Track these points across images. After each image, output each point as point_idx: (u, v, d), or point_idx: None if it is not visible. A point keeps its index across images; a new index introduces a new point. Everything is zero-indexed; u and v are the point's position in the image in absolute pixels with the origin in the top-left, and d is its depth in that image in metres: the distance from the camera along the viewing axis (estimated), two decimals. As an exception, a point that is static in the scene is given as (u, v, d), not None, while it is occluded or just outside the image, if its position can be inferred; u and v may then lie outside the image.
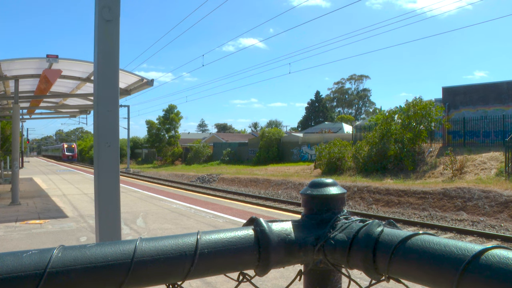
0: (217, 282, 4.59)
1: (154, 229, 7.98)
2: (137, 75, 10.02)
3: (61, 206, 11.14)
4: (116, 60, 3.58)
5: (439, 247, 0.55)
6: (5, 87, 12.59)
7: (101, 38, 3.51)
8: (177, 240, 0.62)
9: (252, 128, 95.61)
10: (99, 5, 3.47)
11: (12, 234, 7.37)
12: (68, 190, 15.54)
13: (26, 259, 0.53)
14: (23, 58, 9.88)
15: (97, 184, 3.56)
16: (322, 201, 0.73)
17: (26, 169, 32.65)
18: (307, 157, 31.99)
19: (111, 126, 3.58)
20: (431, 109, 20.84)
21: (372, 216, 13.83)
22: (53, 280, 0.53)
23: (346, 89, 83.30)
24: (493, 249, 0.51)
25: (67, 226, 8.25)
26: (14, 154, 11.65)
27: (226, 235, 0.65)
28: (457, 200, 14.02)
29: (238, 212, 10.23)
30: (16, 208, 10.59)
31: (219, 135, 63.45)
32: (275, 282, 4.54)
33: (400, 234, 0.61)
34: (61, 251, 0.56)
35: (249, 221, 0.70)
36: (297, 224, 0.71)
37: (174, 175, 33.18)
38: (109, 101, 3.55)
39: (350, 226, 0.68)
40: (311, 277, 0.74)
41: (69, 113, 20.00)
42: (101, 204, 3.53)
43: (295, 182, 21.82)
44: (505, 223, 12.06)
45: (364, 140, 22.57)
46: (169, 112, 53.98)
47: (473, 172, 16.92)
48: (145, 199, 12.88)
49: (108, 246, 0.59)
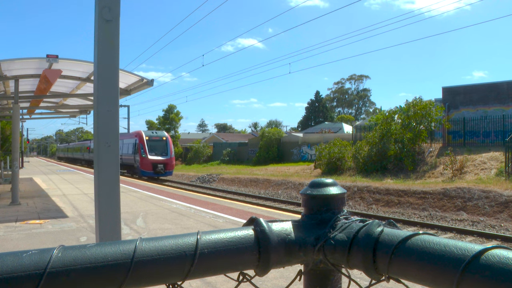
0: (217, 282, 4.59)
1: (154, 229, 7.98)
2: (137, 75, 10.02)
3: (61, 206, 11.14)
4: (116, 60, 3.58)
5: (439, 247, 0.55)
6: (5, 87, 12.59)
7: (101, 38, 3.51)
8: (177, 240, 0.62)
9: (252, 128, 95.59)
10: (99, 5, 3.47)
11: (12, 234, 7.37)
12: (68, 190, 15.54)
13: (26, 259, 0.53)
14: (23, 58, 9.88)
15: (97, 184, 3.56)
16: (322, 201, 0.73)
17: (26, 169, 32.65)
18: (307, 157, 31.99)
19: (111, 126, 3.58)
20: (431, 109, 20.85)
21: (372, 216, 13.83)
22: (53, 280, 0.53)
23: (346, 89, 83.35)
24: (493, 249, 0.51)
25: (67, 226, 8.25)
26: (14, 154, 11.64)
27: (226, 235, 0.65)
28: (457, 200, 14.02)
29: (238, 212, 10.22)
30: (16, 208, 10.59)
31: (219, 135, 63.45)
32: (275, 282, 4.53)
33: (400, 234, 0.61)
34: (61, 251, 0.56)
35: (249, 221, 0.70)
36: (297, 224, 0.71)
37: (174, 175, 33.18)
38: (109, 101, 3.55)
39: (350, 226, 0.68)
40: (311, 277, 0.74)
41: (69, 113, 19.99)
42: (101, 204, 3.52)
43: (295, 182, 21.82)
44: (505, 223, 12.06)
45: (364, 140, 22.57)
46: (169, 112, 54.03)
47: (473, 172, 16.92)
48: (145, 199, 12.88)
49: (108, 246, 0.59)
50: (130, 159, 30.24)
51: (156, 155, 28.52)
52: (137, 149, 28.99)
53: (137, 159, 28.79)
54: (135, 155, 29.39)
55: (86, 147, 48.98)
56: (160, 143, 29.21)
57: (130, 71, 10.05)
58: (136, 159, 29.16)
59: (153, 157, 28.18)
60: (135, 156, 29.27)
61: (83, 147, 52.11)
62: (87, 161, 46.10)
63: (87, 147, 47.91)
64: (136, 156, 29.05)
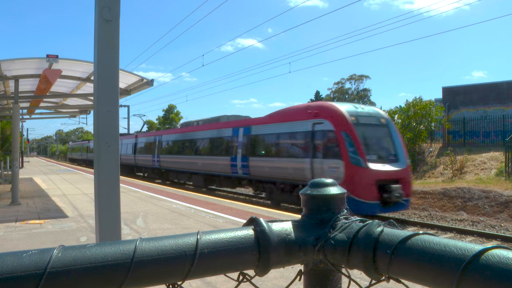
0: (217, 282, 4.59)
1: (154, 229, 7.98)
2: (137, 75, 10.02)
3: (61, 206, 11.14)
4: (116, 60, 3.58)
5: (439, 247, 0.55)
6: (5, 87, 12.60)
7: (101, 38, 3.51)
8: (177, 240, 0.62)
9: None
10: (99, 5, 3.47)
11: (12, 234, 7.37)
12: (68, 190, 15.54)
13: (26, 259, 0.53)
14: (23, 58, 9.88)
15: (97, 184, 3.56)
16: (322, 201, 0.73)
17: (26, 169, 32.66)
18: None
19: (111, 126, 3.58)
20: (431, 109, 20.87)
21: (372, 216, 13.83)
22: (53, 280, 0.53)
23: (346, 89, 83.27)
24: (493, 249, 0.51)
25: (67, 226, 8.24)
26: (14, 154, 11.64)
27: (226, 235, 0.65)
28: (457, 200, 14.02)
29: (238, 212, 10.22)
30: (16, 208, 10.59)
31: (219, 135, 63.33)
32: (275, 282, 4.53)
33: (400, 234, 0.61)
34: (61, 251, 0.56)
35: (249, 221, 0.70)
36: (297, 224, 0.71)
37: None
38: (109, 101, 3.55)
39: (350, 226, 0.68)
40: (311, 277, 0.74)
41: (69, 113, 20.00)
42: (101, 204, 3.53)
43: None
44: (505, 223, 12.06)
45: (365, 140, 22.26)
46: (169, 112, 54.05)
47: (473, 172, 16.92)
48: (145, 199, 12.88)
49: (108, 246, 0.59)
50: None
51: (381, 160, 11.91)
52: (338, 147, 11.61)
53: (344, 175, 11.28)
54: (334, 160, 11.70)
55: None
56: (380, 132, 12.52)
57: (130, 71, 10.06)
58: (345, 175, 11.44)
59: (377, 166, 11.57)
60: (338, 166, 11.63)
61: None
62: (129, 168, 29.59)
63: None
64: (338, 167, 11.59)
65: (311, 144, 12.28)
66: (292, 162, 13.13)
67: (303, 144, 12.71)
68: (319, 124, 12.14)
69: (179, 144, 22.10)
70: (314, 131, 12.24)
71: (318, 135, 12.14)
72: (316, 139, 12.18)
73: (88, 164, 43.98)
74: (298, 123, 12.99)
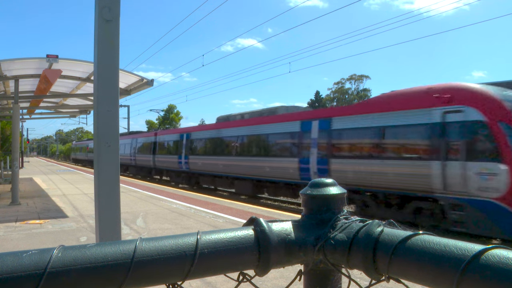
0: (217, 282, 4.59)
1: (154, 229, 7.98)
2: (137, 75, 10.03)
3: (61, 206, 11.14)
4: (116, 60, 3.58)
5: (439, 247, 0.55)
6: (5, 87, 12.60)
7: (101, 38, 3.51)
8: (177, 240, 0.62)
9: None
10: (99, 5, 3.47)
11: (12, 234, 7.37)
12: (68, 190, 15.54)
13: (26, 259, 0.53)
14: (23, 58, 9.89)
15: (97, 184, 3.56)
16: (322, 201, 0.73)
17: (26, 169, 32.66)
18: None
19: (111, 126, 3.58)
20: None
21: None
22: (53, 280, 0.53)
23: (346, 89, 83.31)
24: (493, 249, 0.51)
25: (67, 226, 8.24)
26: (14, 154, 11.65)
27: (226, 235, 0.65)
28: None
29: (238, 212, 10.23)
30: (16, 208, 10.59)
31: (219, 135, 63.34)
32: (275, 282, 4.54)
33: (400, 234, 0.61)
34: (61, 251, 0.56)
35: (249, 221, 0.70)
36: (297, 224, 0.71)
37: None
38: (109, 101, 3.55)
39: (350, 226, 0.68)
40: (311, 277, 0.74)
41: (69, 113, 20.00)
42: (101, 204, 3.53)
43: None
44: (505, 223, 12.04)
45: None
46: (169, 112, 54.07)
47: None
48: (145, 199, 12.88)
49: (108, 246, 0.59)
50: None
51: None
52: (494, 144, 8.47)
53: (506, 183, 8.02)
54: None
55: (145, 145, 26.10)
56: None
57: (130, 71, 10.06)
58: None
59: None
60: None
61: (132, 146, 28.95)
62: (147, 171, 26.43)
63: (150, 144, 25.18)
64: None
65: (442, 141, 9.17)
66: (406, 166, 9.87)
67: (427, 140, 9.56)
68: (455, 113, 9.05)
69: (217, 142, 18.39)
70: (447, 123, 9.15)
71: (454, 128, 9.06)
72: (450, 134, 9.11)
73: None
74: (414, 112, 9.83)
